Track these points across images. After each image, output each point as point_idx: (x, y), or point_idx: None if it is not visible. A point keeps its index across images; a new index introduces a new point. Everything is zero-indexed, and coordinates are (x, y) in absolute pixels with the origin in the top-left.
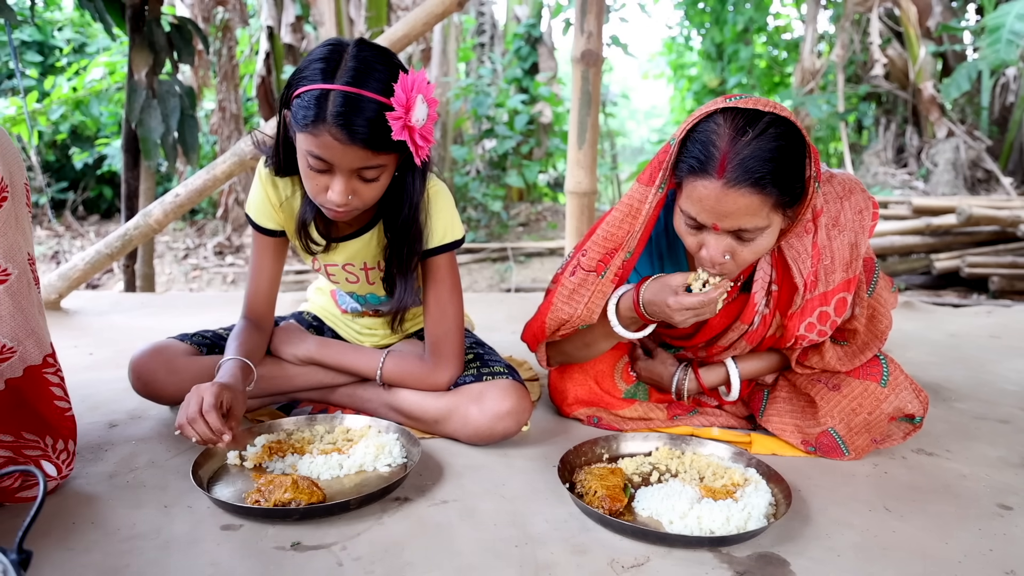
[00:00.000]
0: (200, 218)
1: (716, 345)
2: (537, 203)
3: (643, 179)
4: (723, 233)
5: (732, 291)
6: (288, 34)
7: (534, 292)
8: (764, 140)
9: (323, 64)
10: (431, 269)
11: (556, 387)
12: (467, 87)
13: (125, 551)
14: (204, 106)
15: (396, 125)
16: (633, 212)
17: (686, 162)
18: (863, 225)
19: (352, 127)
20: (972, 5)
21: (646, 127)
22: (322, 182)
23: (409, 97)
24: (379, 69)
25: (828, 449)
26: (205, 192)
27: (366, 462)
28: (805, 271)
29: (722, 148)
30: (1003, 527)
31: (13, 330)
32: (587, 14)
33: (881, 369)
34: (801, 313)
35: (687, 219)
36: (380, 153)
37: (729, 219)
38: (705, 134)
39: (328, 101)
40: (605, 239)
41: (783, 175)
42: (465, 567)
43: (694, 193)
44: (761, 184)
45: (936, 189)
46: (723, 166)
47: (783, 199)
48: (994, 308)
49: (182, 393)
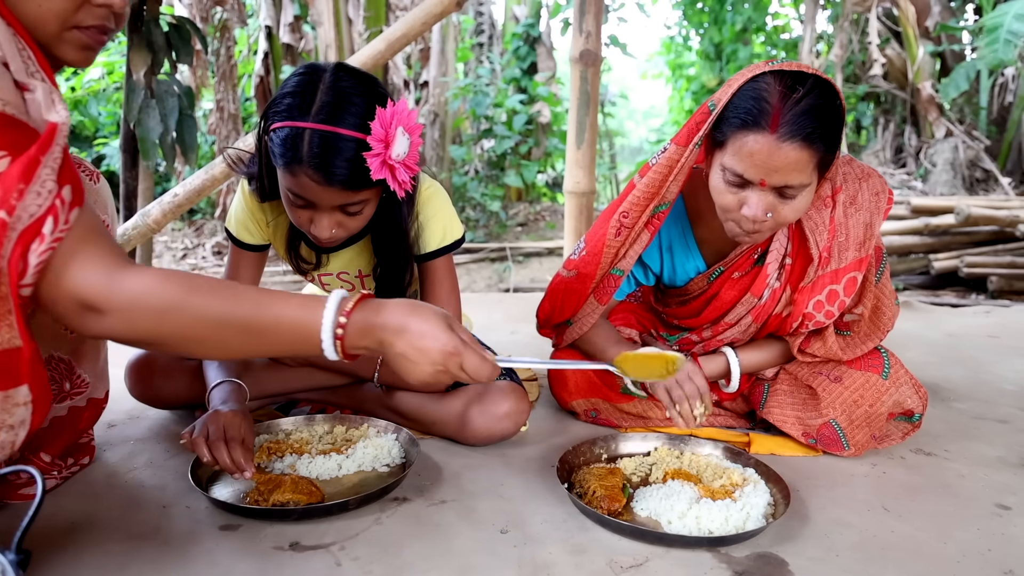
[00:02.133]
0: (198, 218)
1: (722, 322)
2: (536, 203)
3: (678, 140)
4: (767, 190)
5: (745, 264)
6: (286, 34)
7: (533, 292)
8: (812, 98)
9: (297, 98)
10: (429, 271)
11: (556, 375)
12: (465, 87)
13: (124, 551)
14: (202, 106)
15: (374, 164)
16: (668, 169)
17: (736, 118)
18: (879, 207)
19: (328, 169)
20: (970, 5)
21: (645, 127)
22: (305, 215)
23: (388, 132)
24: (355, 102)
25: (829, 442)
26: (203, 192)
27: (365, 462)
28: (821, 244)
29: (774, 104)
30: (1001, 527)
31: (92, 366)
32: (585, 14)
33: (883, 362)
34: (812, 288)
35: (731, 176)
36: (361, 190)
37: (778, 174)
38: (756, 91)
39: (303, 141)
40: (643, 196)
41: (829, 132)
42: (463, 567)
43: (744, 148)
44: (811, 139)
45: (935, 189)
46: (776, 120)
47: (826, 157)
48: (992, 308)
49: (178, 397)
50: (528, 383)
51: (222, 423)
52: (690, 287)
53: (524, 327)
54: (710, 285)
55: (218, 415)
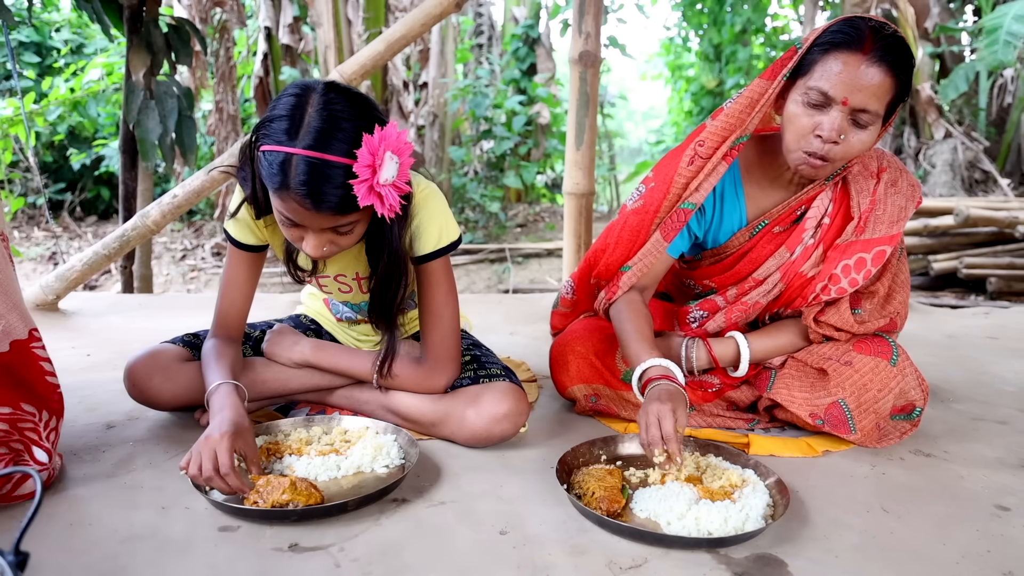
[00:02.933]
0: (198, 219)
1: (751, 278)
2: (535, 204)
3: (765, 76)
4: (844, 111)
5: (787, 219)
6: (286, 35)
7: (532, 293)
8: (898, 39)
9: (286, 122)
10: (426, 273)
11: (557, 359)
12: (465, 88)
13: (122, 552)
14: (202, 107)
15: (361, 191)
16: (752, 103)
17: (829, 42)
18: (913, 196)
19: (316, 196)
20: (970, 6)
21: (644, 128)
22: (296, 233)
23: (376, 156)
24: (344, 128)
25: (836, 422)
26: (203, 193)
27: (364, 463)
28: (863, 205)
29: (867, 32)
30: (1001, 528)
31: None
32: (585, 15)
33: (891, 350)
34: (844, 250)
35: (815, 96)
36: (350, 214)
37: (862, 94)
38: (850, 23)
39: (291, 167)
40: (723, 128)
41: (908, 71)
42: (463, 568)
43: (834, 67)
44: (896, 67)
45: (934, 190)
46: (870, 44)
47: (900, 95)
48: (992, 309)
49: (178, 399)
50: (528, 384)
51: (213, 451)
52: (730, 243)
53: (523, 328)
54: (750, 240)
55: (209, 442)
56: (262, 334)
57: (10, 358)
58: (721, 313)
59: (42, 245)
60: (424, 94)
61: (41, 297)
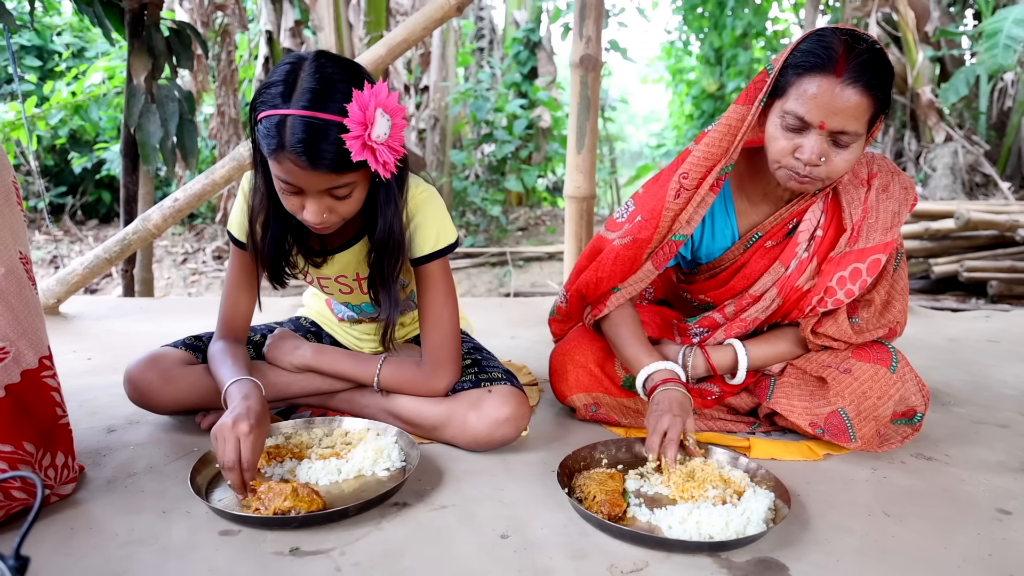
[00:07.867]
0: (199, 222)
1: (747, 295)
2: (536, 207)
3: (741, 101)
4: (823, 135)
5: (780, 233)
6: (287, 38)
7: (533, 297)
8: (873, 53)
9: (280, 86)
10: (425, 276)
11: (557, 369)
12: (466, 91)
13: (123, 557)
14: (203, 111)
15: (355, 146)
16: (733, 130)
17: (801, 64)
18: (906, 199)
19: (312, 153)
20: (970, 10)
21: (645, 131)
22: (296, 202)
23: (366, 113)
24: (337, 87)
25: (836, 431)
26: (204, 197)
27: (365, 466)
28: (855, 216)
29: (840, 51)
30: (1002, 532)
31: (3, 330)
32: (586, 19)
33: (891, 357)
34: (839, 262)
35: (792, 120)
36: (347, 173)
37: (838, 117)
38: (821, 41)
39: (286, 127)
40: (704, 158)
41: (886, 86)
42: (464, 572)
43: (808, 90)
44: (871, 87)
45: (934, 194)
46: (842, 64)
47: (880, 111)
48: (993, 312)
49: (179, 403)
50: (528, 388)
51: (237, 440)
52: (723, 258)
53: (524, 332)
54: (743, 254)
55: (236, 429)
56: (263, 338)
57: (21, 389)
58: (721, 330)
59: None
60: (425, 98)
61: (42, 301)
